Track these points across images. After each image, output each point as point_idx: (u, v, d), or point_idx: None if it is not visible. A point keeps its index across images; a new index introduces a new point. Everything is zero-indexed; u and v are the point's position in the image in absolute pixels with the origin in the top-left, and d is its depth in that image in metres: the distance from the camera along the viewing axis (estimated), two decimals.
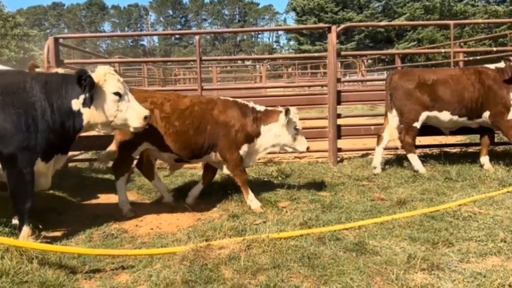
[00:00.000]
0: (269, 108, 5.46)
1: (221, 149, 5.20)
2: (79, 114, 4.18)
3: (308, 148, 5.40)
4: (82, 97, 4.15)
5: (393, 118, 6.64)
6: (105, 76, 4.21)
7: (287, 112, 5.17)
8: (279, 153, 7.67)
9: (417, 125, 6.47)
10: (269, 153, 5.75)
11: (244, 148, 5.25)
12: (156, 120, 5.01)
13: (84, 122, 4.21)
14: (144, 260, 3.76)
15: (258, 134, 5.31)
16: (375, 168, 6.65)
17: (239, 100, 5.44)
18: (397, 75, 6.68)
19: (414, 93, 6.46)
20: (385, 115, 6.79)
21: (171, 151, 5.12)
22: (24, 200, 4.08)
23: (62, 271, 3.44)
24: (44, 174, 4.26)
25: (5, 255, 3.38)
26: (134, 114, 4.32)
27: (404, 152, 6.70)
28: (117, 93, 4.22)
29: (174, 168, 5.76)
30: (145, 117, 4.36)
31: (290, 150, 5.57)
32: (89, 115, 4.19)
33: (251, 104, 5.40)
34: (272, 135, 5.31)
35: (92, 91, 4.14)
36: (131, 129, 4.40)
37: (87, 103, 4.16)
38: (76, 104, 4.15)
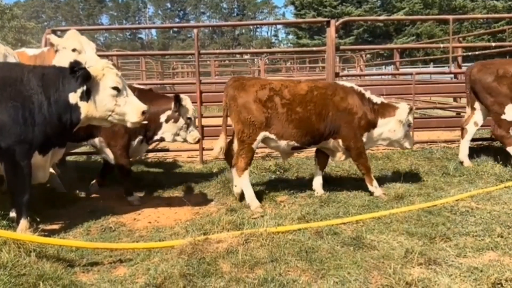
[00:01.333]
0: (385, 101, 5.44)
1: (344, 137, 5.15)
2: (76, 107, 4.16)
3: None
4: (79, 90, 4.12)
5: (477, 112, 6.60)
6: (103, 70, 4.17)
7: (410, 110, 5.29)
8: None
9: (506, 117, 6.29)
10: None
11: (364, 137, 5.26)
12: (277, 108, 4.94)
13: (82, 115, 4.18)
14: (142, 254, 3.77)
15: (374, 126, 5.30)
16: (462, 162, 6.51)
17: (356, 87, 5.43)
18: (476, 69, 6.54)
19: (494, 86, 6.31)
20: (468, 107, 6.75)
21: (291, 138, 5.05)
22: (22, 193, 4.07)
23: (60, 264, 3.43)
24: (41, 167, 4.25)
25: (3, 248, 3.38)
26: (132, 109, 4.30)
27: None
28: (115, 88, 4.19)
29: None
30: (143, 112, 4.32)
31: (396, 145, 5.66)
32: (86, 109, 4.17)
33: (367, 94, 5.36)
34: (387, 129, 5.34)
35: (88, 84, 4.11)
36: (129, 124, 4.37)
37: (84, 97, 4.14)
38: (74, 97, 4.13)
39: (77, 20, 72.72)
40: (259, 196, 5.18)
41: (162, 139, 5.71)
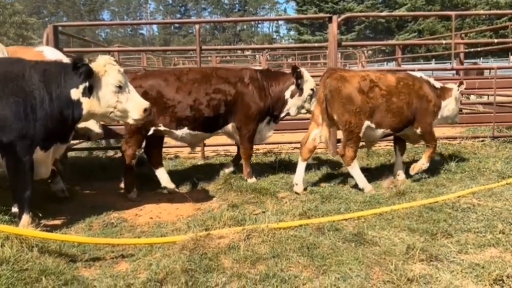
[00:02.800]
0: (442, 85, 5.82)
1: (423, 123, 5.54)
2: (78, 103, 4.16)
3: None
4: (81, 86, 4.12)
5: None
6: (106, 66, 4.17)
7: (460, 85, 5.68)
8: (279, 143, 7.73)
9: None
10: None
11: (435, 121, 5.69)
12: (377, 98, 5.23)
13: (84, 112, 4.18)
14: (144, 249, 3.78)
15: (439, 109, 5.69)
16: None
17: (423, 75, 5.81)
18: None
19: None
20: None
21: (387, 127, 5.39)
22: (24, 189, 4.08)
23: (62, 259, 3.44)
24: (43, 163, 4.25)
25: (5, 243, 3.39)
26: (134, 106, 4.29)
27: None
28: (117, 85, 4.19)
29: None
30: (145, 109, 4.31)
31: (450, 122, 6.14)
32: (88, 105, 4.17)
33: (431, 81, 5.77)
34: (447, 109, 5.75)
35: (90, 80, 4.11)
36: (131, 121, 4.37)
37: (86, 93, 4.14)
38: (76, 93, 4.13)
39: (78, 15, 72.57)
40: (261, 191, 5.18)
41: (287, 114, 5.96)
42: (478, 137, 7.76)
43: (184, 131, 5.45)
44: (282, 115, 5.93)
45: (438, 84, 5.77)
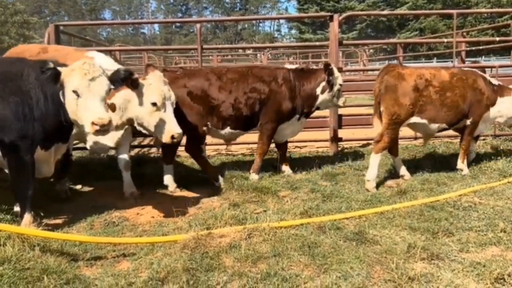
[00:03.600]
0: (501, 84, 6.03)
1: (474, 114, 5.75)
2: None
3: None
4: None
5: None
6: (72, 71, 3.90)
7: None
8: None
9: None
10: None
11: (486, 115, 5.86)
12: (431, 95, 5.49)
13: (70, 115, 4.02)
14: (145, 248, 3.78)
15: (493, 104, 5.88)
16: None
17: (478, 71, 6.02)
18: None
19: None
20: None
21: (442, 121, 5.64)
22: (25, 188, 4.08)
23: (63, 258, 3.45)
24: (45, 162, 4.26)
25: (7, 242, 3.41)
26: (87, 116, 3.85)
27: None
28: (74, 91, 3.87)
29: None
30: (93, 123, 3.80)
31: (506, 121, 6.20)
32: (68, 109, 4.00)
33: (487, 77, 5.99)
34: (505, 106, 5.93)
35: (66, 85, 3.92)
36: (87, 129, 3.92)
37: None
38: (63, 95, 4.07)
39: (79, 15, 72.61)
40: (262, 190, 5.18)
41: (317, 108, 6.15)
42: (479, 136, 7.74)
43: (227, 130, 5.72)
44: (313, 110, 6.11)
45: (495, 82, 5.98)
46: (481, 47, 13.48)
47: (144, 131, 4.94)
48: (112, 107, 4.70)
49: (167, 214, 4.74)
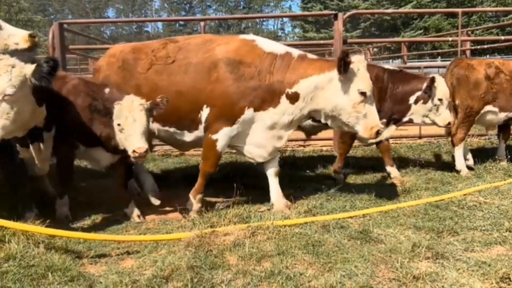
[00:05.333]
0: None
1: None
2: None
3: None
4: None
5: None
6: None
7: None
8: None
9: None
10: None
11: None
12: (502, 83, 5.71)
13: None
14: (150, 246, 3.79)
15: None
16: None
17: None
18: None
19: None
20: None
21: (510, 110, 5.87)
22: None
23: (68, 255, 3.46)
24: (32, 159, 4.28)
25: (12, 239, 3.41)
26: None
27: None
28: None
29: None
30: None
31: None
32: None
33: None
34: None
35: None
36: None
37: None
38: None
39: (83, 13, 72.69)
40: (266, 190, 5.17)
41: (410, 120, 5.82)
42: (484, 135, 7.71)
43: (308, 123, 5.58)
44: (404, 119, 5.68)
45: None
46: (486, 46, 13.42)
47: (332, 126, 4.55)
48: (295, 97, 4.35)
49: (171, 212, 4.75)
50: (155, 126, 4.74)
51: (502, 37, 9.49)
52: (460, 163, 5.88)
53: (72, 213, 4.63)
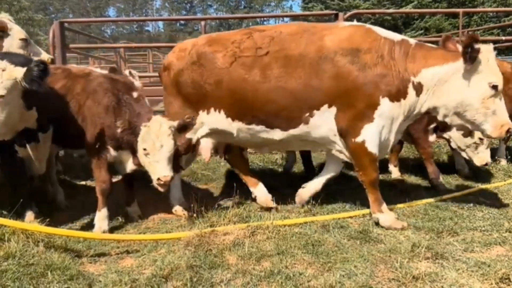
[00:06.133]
0: None
1: None
2: None
3: None
4: None
5: None
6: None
7: None
8: None
9: None
10: None
11: None
12: None
13: None
14: (149, 245, 3.79)
15: None
16: None
17: None
18: None
19: None
20: None
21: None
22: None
23: (67, 254, 3.46)
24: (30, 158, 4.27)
25: (12, 238, 3.42)
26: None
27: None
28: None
29: None
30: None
31: None
32: None
33: None
34: None
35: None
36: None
37: None
38: None
39: (84, 12, 72.70)
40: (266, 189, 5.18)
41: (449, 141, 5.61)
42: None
43: None
44: (445, 135, 5.52)
45: None
46: None
47: (452, 124, 4.17)
48: (419, 88, 3.96)
49: (171, 211, 4.75)
50: (234, 125, 4.42)
51: (503, 38, 9.46)
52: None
53: (73, 212, 4.64)
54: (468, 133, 5.08)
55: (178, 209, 4.69)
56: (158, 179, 3.85)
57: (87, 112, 4.21)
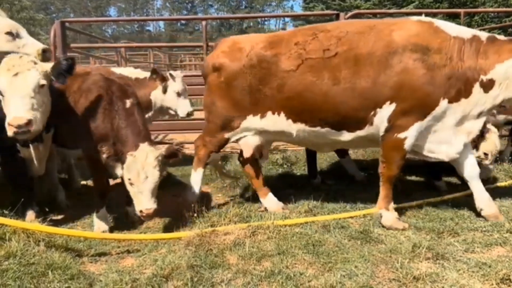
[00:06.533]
0: None
1: None
2: None
3: None
4: None
5: None
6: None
7: None
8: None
9: None
10: None
11: None
12: None
13: None
14: (150, 245, 3.80)
15: None
16: None
17: None
18: None
19: None
20: None
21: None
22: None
23: (68, 254, 3.46)
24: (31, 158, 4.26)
25: (13, 237, 3.42)
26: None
27: None
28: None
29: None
30: None
31: None
32: None
33: None
34: None
35: None
36: None
37: None
38: None
39: (85, 12, 72.72)
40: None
41: None
42: None
43: None
44: None
45: None
46: None
47: None
48: (489, 85, 3.96)
49: (171, 211, 4.75)
50: (295, 127, 4.33)
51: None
52: None
53: (73, 212, 4.64)
54: (473, 147, 4.94)
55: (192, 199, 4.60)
56: (141, 211, 3.76)
57: (80, 112, 4.16)
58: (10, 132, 3.53)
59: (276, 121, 4.37)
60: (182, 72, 6.11)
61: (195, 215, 4.23)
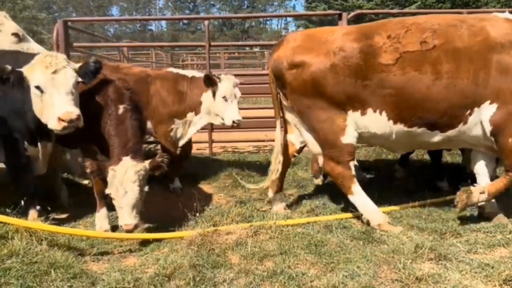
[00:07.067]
0: None
1: None
2: None
3: None
4: None
5: None
6: (33, 67, 3.76)
7: None
8: None
9: None
10: None
11: None
12: None
13: None
14: (152, 244, 3.79)
15: None
16: None
17: None
18: None
19: None
20: None
21: None
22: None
23: (70, 252, 3.47)
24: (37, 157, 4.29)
25: (15, 236, 3.44)
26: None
27: None
28: (37, 87, 3.71)
29: None
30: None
31: None
32: None
33: None
34: None
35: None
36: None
37: None
38: None
39: (87, 11, 72.80)
40: (268, 188, 5.17)
41: None
42: None
43: None
44: None
45: None
46: None
47: None
48: None
49: (174, 210, 4.75)
50: (394, 128, 4.04)
51: None
52: None
53: (76, 211, 4.64)
54: None
55: None
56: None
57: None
58: (59, 126, 3.61)
59: (376, 121, 4.06)
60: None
61: (197, 214, 4.23)
